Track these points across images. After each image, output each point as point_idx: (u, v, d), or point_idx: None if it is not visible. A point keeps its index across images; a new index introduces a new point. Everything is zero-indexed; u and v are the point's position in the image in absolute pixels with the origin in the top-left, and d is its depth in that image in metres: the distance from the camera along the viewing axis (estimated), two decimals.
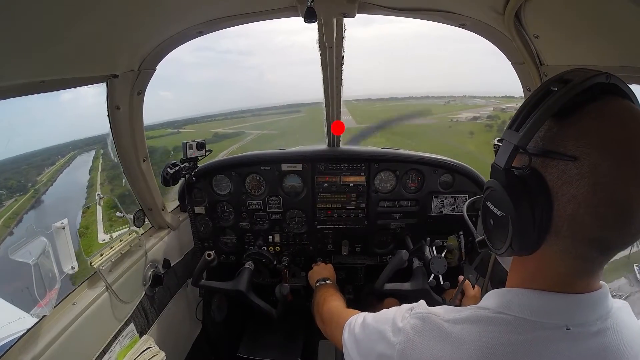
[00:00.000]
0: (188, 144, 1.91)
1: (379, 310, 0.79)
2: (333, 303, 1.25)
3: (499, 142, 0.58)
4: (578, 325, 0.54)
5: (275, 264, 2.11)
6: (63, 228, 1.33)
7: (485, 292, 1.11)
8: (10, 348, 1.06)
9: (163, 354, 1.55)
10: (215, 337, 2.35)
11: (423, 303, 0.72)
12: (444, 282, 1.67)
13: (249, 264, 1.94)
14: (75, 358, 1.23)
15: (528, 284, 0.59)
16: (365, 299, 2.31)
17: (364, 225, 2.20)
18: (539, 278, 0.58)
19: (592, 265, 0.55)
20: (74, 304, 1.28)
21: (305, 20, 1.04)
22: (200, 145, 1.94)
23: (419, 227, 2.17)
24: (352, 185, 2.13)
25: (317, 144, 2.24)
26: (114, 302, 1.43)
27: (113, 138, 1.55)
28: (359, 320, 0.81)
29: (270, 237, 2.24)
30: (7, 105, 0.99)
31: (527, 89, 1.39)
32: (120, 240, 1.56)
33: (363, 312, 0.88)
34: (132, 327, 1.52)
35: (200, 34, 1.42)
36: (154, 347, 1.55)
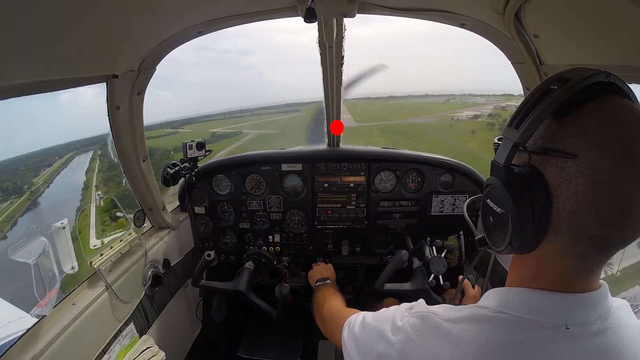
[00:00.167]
0: (188, 144, 1.91)
1: (379, 310, 0.79)
2: (333, 302, 1.25)
3: (499, 140, 0.58)
4: (577, 325, 0.54)
5: (275, 264, 2.11)
6: (63, 228, 1.33)
7: (485, 291, 1.11)
8: (10, 348, 1.06)
9: (163, 354, 1.55)
10: (215, 337, 2.35)
11: (422, 302, 0.72)
12: (444, 282, 1.67)
13: (249, 264, 1.94)
14: (75, 358, 1.23)
15: (528, 283, 0.59)
16: (365, 299, 2.31)
17: (364, 225, 2.20)
18: (539, 277, 0.58)
19: (591, 264, 0.55)
20: (74, 304, 1.28)
21: (305, 20, 1.04)
22: (200, 145, 1.94)
23: (419, 227, 2.17)
24: (352, 185, 2.13)
25: (317, 144, 2.24)
26: (114, 302, 1.43)
27: (113, 138, 1.55)
28: (359, 320, 0.81)
29: (271, 237, 2.24)
30: (6, 106, 1.00)
31: (527, 89, 1.39)
32: (120, 240, 1.56)
33: (363, 311, 0.88)
34: (132, 327, 1.52)
35: (200, 34, 1.42)
36: (154, 347, 1.55)
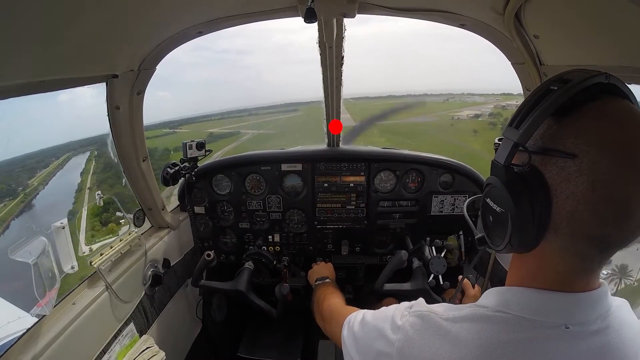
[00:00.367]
0: (188, 144, 1.90)
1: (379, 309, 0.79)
2: (333, 300, 1.25)
3: (500, 140, 0.58)
4: (577, 324, 0.54)
5: (275, 264, 2.11)
6: (63, 228, 1.34)
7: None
8: (10, 348, 1.06)
9: (163, 354, 1.55)
10: (215, 336, 2.35)
11: (422, 301, 0.72)
12: (444, 282, 1.67)
13: (249, 264, 1.94)
14: (75, 358, 1.23)
15: (527, 283, 0.59)
16: (365, 299, 2.31)
17: (364, 225, 2.20)
18: (538, 276, 0.58)
19: (591, 264, 0.55)
20: (74, 304, 1.28)
21: (306, 21, 1.04)
22: (200, 145, 1.94)
23: (419, 227, 2.17)
24: (352, 185, 2.13)
25: (317, 144, 2.24)
26: (114, 301, 1.43)
27: (113, 138, 1.55)
28: (358, 318, 0.81)
29: (270, 237, 2.24)
30: (6, 106, 1.00)
31: (527, 89, 1.39)
32: (120, 240, 1.56)
33: (363, 309, 0.88)
34: (132, 326, 1.52)
35: (200, 34, 1.42)
36: (154, 346, 1.55)
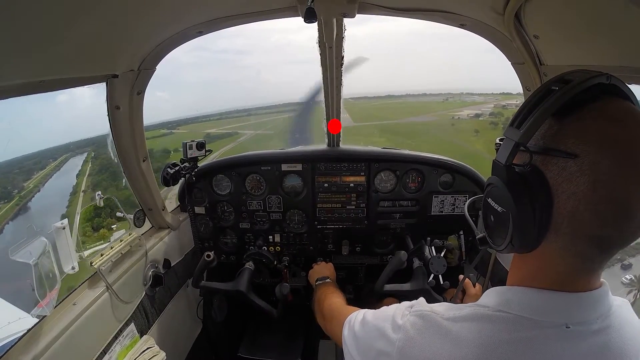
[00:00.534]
0: (188, 144, 1.90)
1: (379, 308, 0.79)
2: (334, 300, 1.26)
3: (501, 140, 0.59)
4: (578, 324, 0.54)
5: (276, 264, 2.11)
6: (63, 228, 1.34)
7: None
8: (11, 348, 1.06)
9: (163, 354, 1.55)
10: (216, 337, 2.35)
11: (423, 300, 0.72)
12: (444, 281, 1.67)
13: (249, 264, 1.94)
14: (76, 358, 1.23)
15: (528, 282, 0.59)
16: (366, 299, 2.31)
17: (364, 225, 2.20)
18: (539, 276, 0.58)
19: (591, 264, 0.55)
20: (75, 304, 1.28)
21: (306, 21, 1.04)
22: (200, 145, 1.94)
23: (419, 227, 2.17)
24: (352, 185, 2.13)
25: (317, 144, 2.24)
26: (115, 302, 1.43)
27: (113, 138, 1.55)
28: (359, 318, 0.81)
29: (271, 237, 2.24)
30: (5, 106, 0.99)
31: (527, 89, 1.39)
32: (121, 241, 1.56)
33: (363, 309, 0.88)
34: (132, 327, 1.52)
35: (200, 34, 1.41)
36: (155, 347, 1.55)
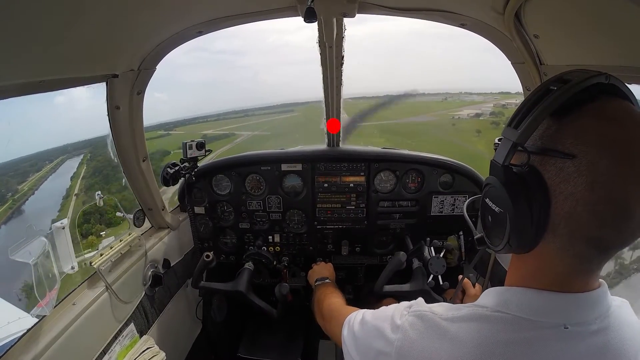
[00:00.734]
0: (188, 144, 1.90)
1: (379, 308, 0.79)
2: (333, 300, 1.26)
3: (499, 140, 0.59)
4: (576, 325, 0.54)
5: (275, 264, 2.11)
6: (63, 228, 1.34)
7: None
8: (11, 348, 1.06)
9: (163, 354, 1.55)
10: (215, 337, 2.35)
11: (421, 301, 0.72)
12: (443, 282, 1.67)
13: (249, 265, 1.94)
14: (76, 358, 1.23)
15: (526, 283, 0.59)
16: (365, 299, 2.31)
17: (364, 225, 2.20)
18: (537, 277, 0.58)
19: (590, 265, 0.55)
20: (74, 304, 1.28)
21: (306, 20, 1.04)
22: (200, 145, 1.94)
23: (419, 227, 2.17)
24: (352, 185, 2.13)
25: (316, 144, 2.24)
26: (114, 302, 1.43)
27: (113, 138, 1.55)
28: (358, 318, 0.81)
29: (270, 237, 2.24)
30: (5, 107, 0.99)
31: (527, 89, 1.39)
32: (120, 241, 1.56)
33: (363, 309, 0.88)
34: (132, 327, 1.52)
35: (200, 34, 1.41)
36: (154, 347, 1.55)
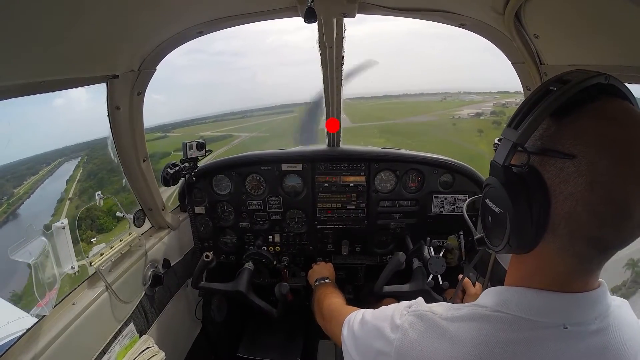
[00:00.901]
0: (188, 144, 1.91)
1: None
2: (333, 300, 1.26)
3: (499, 141, 0.59)
4: (576, 324, 0.54)
5: (275, 264, 2.11)
6: (63, 228, 1.34)
7: None
8: (10, 348, 1.06)
9: (163, 354, 1.55)
10: (215, 337, 2.35)
11: (421, 300, 0.72)
12: (443, 282, 1.67)
13: (249, 265, 1.94)
14: (75, 358, 1.23)
15: (526, 283, 0.59)
16: (365, 299, 2.31)
17: (364, 225, 2.20)
18: (537, 277, 0.58)
19: (589, 265, 0.55)
20: (74, 304, 1.28)
21: (306, 21, 1.04)
22: (201, 146, 1.94)
23: (419, 227, 2.17)
24: (352, 185, 2.13)
25: (317, 144, 2.24)
26: (114, 302, 1.43)
27: (113, 138, 1.55)
28: (358, 318, 0.81)
29: (270, 237, 2.24)
30: (5, 107, 1.00)
31: (527, 89, 1.39)
32: (120, 240, 1.56)
33: (362, 309, 0.88)
34: (131, 327, 1.52)
35: (201, 34, 1.41)
36: (154, 346, 1.55)
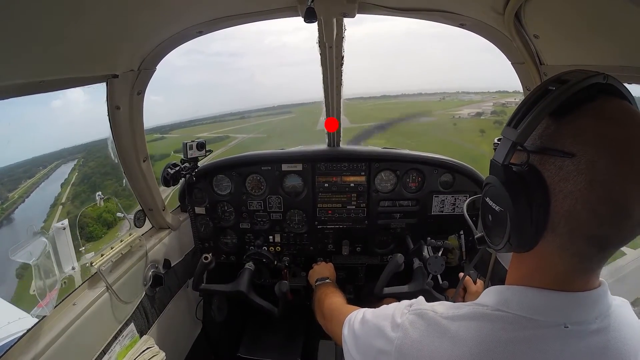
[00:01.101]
0: (188, 144, 1.91)
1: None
2: (334, 299, 1.26)
3: (499, 140, 0.59)
4: (576, 324, 0.54)
5: (276, 264, 2.11)
6: (64, 229, 1.34)
7: None
8: (11, 348, 1.06)
9: (163, 354, 1.55)
10: (216, 337, 2.35)
11: (422, 299, 0.72)
12: (443, 281, 1.67)
13: (249, 265, 1.94)
14: (76, 358, 1.23)
15: (527, 282, 0.59)
16: (366, 299, 2.31)
17: (365, 225, 2.20)
18: (538, 276, 0.58)
19: (590, 263, 0.55)
20: (74, 304, 1.28)
21: (306, 21, 1.04)
22: (201, 146, 1.94)
23: (420, 226, 2.17)
24: (352, 185, 2.13)
25: (317, 144, 2.24)
26: (114, 302, 1.43)
27: (113, 138, 1.55)
28: (359, 317, 0.81)
29: (271, 237, 2.24)
30: (5, 108, 1.00)
31: (527, 89, 1.39)
32: (121, 241, 1.56)
33: (363, 308, 0.88)
34: (132, 327, 1.52)
35: (200, 34, 1.42)
36: (154, 347, 1.55)
